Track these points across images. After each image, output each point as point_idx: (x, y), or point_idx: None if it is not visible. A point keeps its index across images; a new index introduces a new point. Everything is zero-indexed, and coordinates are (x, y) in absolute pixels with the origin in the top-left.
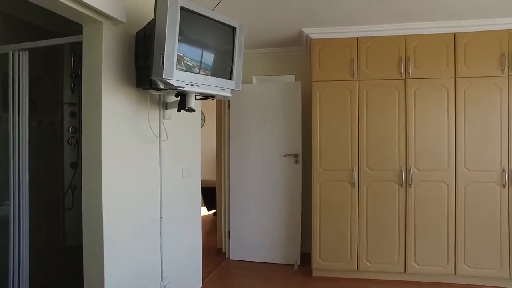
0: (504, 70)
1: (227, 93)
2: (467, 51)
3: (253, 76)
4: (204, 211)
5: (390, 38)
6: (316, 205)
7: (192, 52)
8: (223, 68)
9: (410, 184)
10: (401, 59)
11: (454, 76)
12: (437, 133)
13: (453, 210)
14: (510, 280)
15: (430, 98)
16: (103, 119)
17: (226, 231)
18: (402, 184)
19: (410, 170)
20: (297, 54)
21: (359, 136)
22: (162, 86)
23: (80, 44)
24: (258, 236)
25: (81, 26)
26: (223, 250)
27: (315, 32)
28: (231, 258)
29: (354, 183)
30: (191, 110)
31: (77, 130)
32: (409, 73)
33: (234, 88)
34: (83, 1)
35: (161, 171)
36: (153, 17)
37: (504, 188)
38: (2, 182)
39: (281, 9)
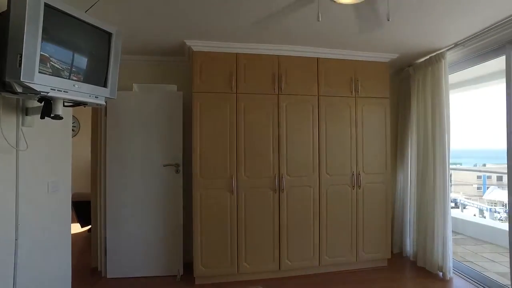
0: (352, 92)
1: (101, 101)
2: (327, 74)
3: (133, 84)
4: (77, 228)
5: (266, 57)
6: (197, 213)
7: (61, 54)
8: (97, 75)
9: (283, 189)
10: (274, 76)
11: (317, 94)
12: (304, 143)
13: (317, 210)
14: (357, 263)
15: (299, 112)
16: None
17: (103, 247)
18: (276, 189)
19: (283, 177)
20: (179, 64)
21: (237, 145)
22: (19, 90)
23: None
24: (138, 250)
25: None
26: (99, 269)
27: (197, 45)
28: (108, 277)
29: (232, 191)
30: (58, 117)
31: None
32: (282, 89)
33: (109, 96)
34: None
35: (18, 186)
36: (6, 8)
37: (353, 189)
38: None
39: (164, 19)
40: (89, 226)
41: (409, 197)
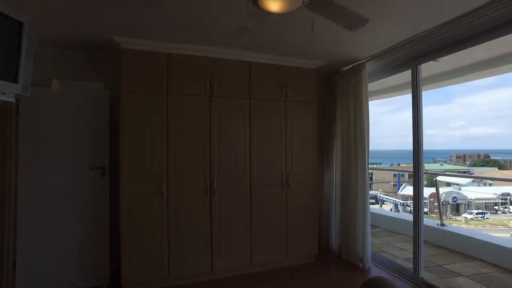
0: (282, 96)
1: (9, 98)
2: (259, 78)
3: (53, 80)
4: None
5: (199, 58)
6: (125, 218)
7: None
8: (4, 68)
9: (214, 191)
10: (207, 78)
11: (249, 98)
12: (236, 145)
13: (249, 211)
14: (287, 260)
15: (231, 115)
16: None
17: (11, 263)
18: (207, 192)
19: (214, 179)
20: (108, 61)
21: (167, 147)
22: None
23: None
24: (58, 262)
25: None
26: None
27: (126, 42)
28: None
29: (163, 193)
30: None
31: None
32: (214, 91)
33: (20, 93)
34: None
35: None
36: None
37: (283, 189)
38: None
39: (88, 11)
40: None
41: (334, 196)
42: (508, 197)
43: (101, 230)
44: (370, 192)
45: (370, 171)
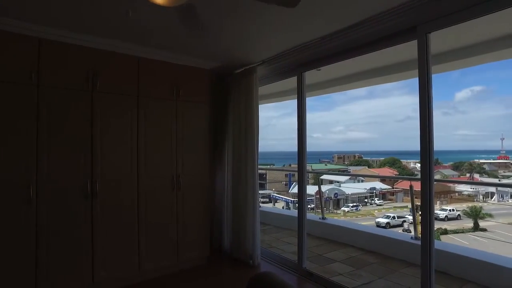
0: (174, 95)
1: None
2: (149, 75)
3: None
4: None
5: (80, 48)
6: None
7: None
8: None
9: (96, 195)
10: (89, 71)
11: (137, 95)
12: (122, 144)
13: (136, 214)
14: (178, 264)
15: (116, 112)
16: None
17: None
18: (87, 195)
19: (96, 181)
20: None
21: (37, 146)
22: None
23: None
24: None
25: None
26: None
27: None
28: None
29: (30, 200)
30: None
31: None
32: (97, 86)
33: None
34: None
35: None
36: None
37: (173, 191)
38: None
39: None
40: None
41: (226, 196)
42: (374, 191)
43: None
44: (264, 191)
45: (264, 171)
